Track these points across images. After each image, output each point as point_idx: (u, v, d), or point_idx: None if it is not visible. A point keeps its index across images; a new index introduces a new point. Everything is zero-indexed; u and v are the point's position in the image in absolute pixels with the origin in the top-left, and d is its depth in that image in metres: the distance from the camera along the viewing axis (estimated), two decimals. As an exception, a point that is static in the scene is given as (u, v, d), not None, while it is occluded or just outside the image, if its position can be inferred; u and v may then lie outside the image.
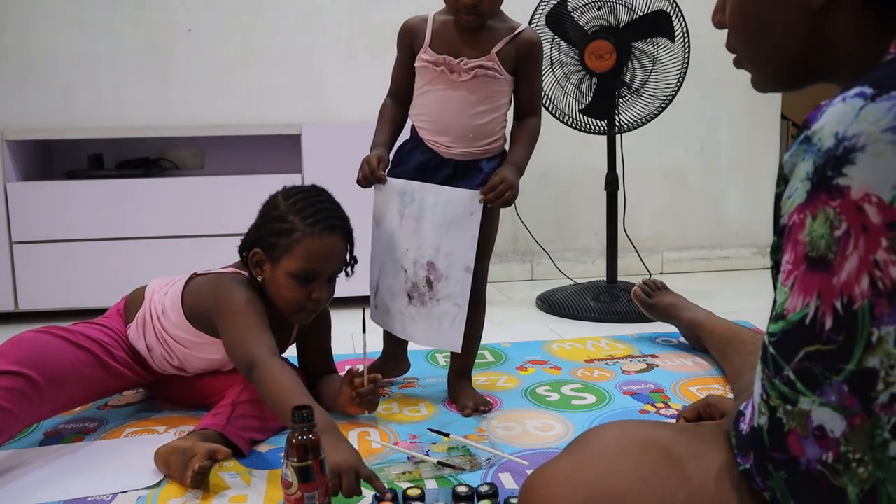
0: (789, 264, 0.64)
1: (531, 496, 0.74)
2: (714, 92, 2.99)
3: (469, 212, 1.39)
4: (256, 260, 1.39)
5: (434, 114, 1.44)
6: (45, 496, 1.16)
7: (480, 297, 1.54)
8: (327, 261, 1.37)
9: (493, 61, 1.40)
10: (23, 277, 2.28)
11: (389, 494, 1.10)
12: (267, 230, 1.37)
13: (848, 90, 0.62)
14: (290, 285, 1.36)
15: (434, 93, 1.44)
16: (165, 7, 2.61)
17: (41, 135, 2.41)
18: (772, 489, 0.65)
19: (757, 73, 0.79)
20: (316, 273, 1.36)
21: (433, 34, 1.42)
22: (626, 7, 2.26)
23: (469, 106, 1.42)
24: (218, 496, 1.16)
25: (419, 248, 1.43)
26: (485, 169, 1.44)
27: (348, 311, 2.41)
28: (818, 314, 0.61)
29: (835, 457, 0.61)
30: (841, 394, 0.60)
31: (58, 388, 1.29)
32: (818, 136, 0.62)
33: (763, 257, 3.12)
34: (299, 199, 1.38)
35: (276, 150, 2.64)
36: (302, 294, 1.36)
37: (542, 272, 2.90)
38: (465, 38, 1.40)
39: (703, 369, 1.75)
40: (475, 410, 1.47)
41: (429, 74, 1.43)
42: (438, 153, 1.45)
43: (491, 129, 1.44)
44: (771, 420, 0.64)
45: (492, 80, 1.41)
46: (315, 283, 1.37)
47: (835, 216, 0.60)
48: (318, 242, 1.34)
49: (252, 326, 1.30)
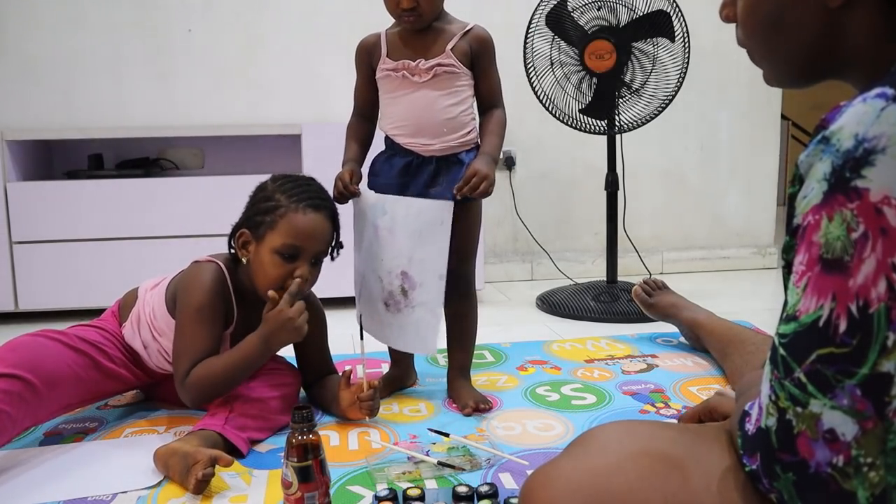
0: (802, 265, 0.63)
1: (531, 496, 0.74)
2: (714, 92, 2.99)
3: (439, 221, 1.43)
4: (242, 241, 1.40)
5: (405, 117, 1.48)
6: (45, 496, 1.16)
7: (471, 295, 1.58)
8: (311, 238, 1.37)
9: (449, 58, 1.45)
10: (23, 277, 2.28)
11: (389, 494, 1.11)
12: (254, 211, 1.40)
13: (868, 91, 0.61)
14: (273, 262, 1.36)
15: (401, 98, 1.48)
16: (165, 7, 2.61)
17: (41, 135, 2.41)
18: (779, 491, 0.65)
19: (769, 69, 0.78)
20: (299, 250, 1.36)
21: (389, 46, 1.49)
22: (626, 7, 2.26)
23: (436, 102, 1.46)
24: (218, 496, 1.16)
25: (393, 259, 1.47)
26: (465, 161, 1.48)
27: (348, 311, 2.41)
28: (832, 316, 0.60)
29: (846, 460, 0.60)
30: (854, 398, 0.59)
31: (55, 390, 1.29)
32: (837, 137, 0.61)
33: (763, 257, 3.12)
34: (287, 181, 1.41)
35: (276, 150, 2.65)
36: (284, 271, 1.36)
37: (542, 272, 2.90)
38: (419, 43, 1.47)
39: (703, 369, 1.75)
40: (475, 409, 1.48)
41: (392, 83, 1.49)
42: (419, 154, 1.49)
43: (462, 122, 1.48)
44: (780, 422, 0.63)
45: (451, 75, 1.46)
46: (299, 262, 1.37)
47: (852, 218, 0.59)
48: (302, 218, 1.36)
49: (195, 339, 1.34)
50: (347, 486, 1.18)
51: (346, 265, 1.50)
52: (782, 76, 0.77)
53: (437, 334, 1.47)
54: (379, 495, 1.11)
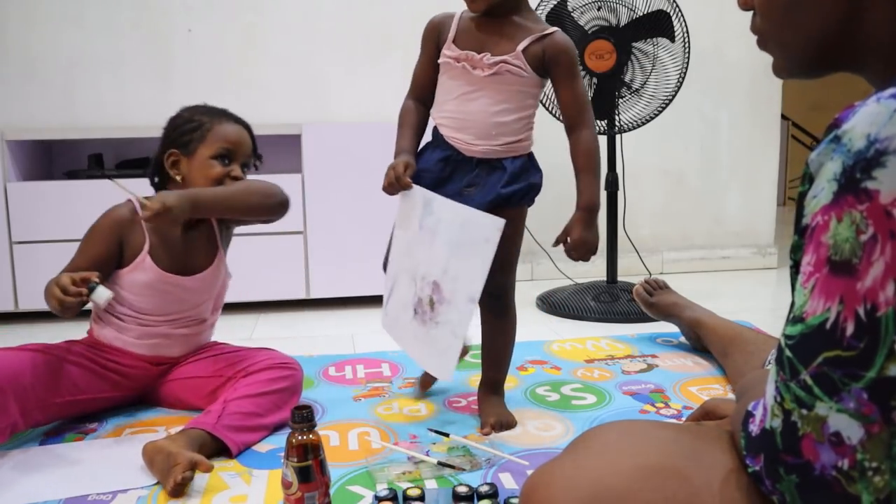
0: (810, 266, 0.62)
1: (532, 496, 0.73)
2: (714, 92, 2.99)
3: (484, 239, 1.23)
4: (172, 161, 1.51)
5: (455, 110, 1.37)
6: (45, 496, 1.16)
7: (509, 310, 1.46)
8: (240, 143, 1.51)
9: (518, 58, 1.32)
10: (23, 277, 2.28)
11: (389, 494, 1.11)
12: (177, 133, 1.51)
13: (883, 91, 0.60)
14: (212, 164, 1.48)
15: (455, 89, 1.36)
16: (166, 7, 2.61)
17: (41, 135, 2.41)
18: (781, 492, 0.64)
19: (782, 57, 0.76)
20: (233, 153, 1.50)
21: (458, 30, 1.36)
22: (626, 7, 2.26)
23: (491, 103, 1.34)
24: (218, 496, 1.16)
25: (429, 265, 1.33)
26: (508, 168, 1.36)
27: (348, 312, 2.41)
28: (839, 319, 0.59)
29: (850, 464, 0.60)
30: (860, 401, 0.59)
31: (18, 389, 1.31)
32: (848, 137, 0.60)
33: (763, 257, 3.12)
34: (199, 107, 1.55)
35: (276, 150, 2.63)
36: (223, 171, 1.48)
37: (542, 272, 2.90)
38: (491, 35, 1.34)
39: (703, 369, 1.75)
40: (494, 428, 1.39)
41: (451, 71, 1.37)
42: (459, 150, 1.37)
43: (515, 129, 1.36)
44: (785, 423, 0.63)
45: (516, 77, 1.33)
46: (233, 165, 1.49)
47: (861, 220, 0.58)
48: (229, 127, 1.51)
49: (77, 255, 1.47)
50: (347, 486, 1.18)
51: (347, 265, 1.50)
52: (794, 65, 0.75)
53: (455, 360, 1.29)
54: (379, 495, 1.11)
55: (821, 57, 0.72)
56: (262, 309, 2.43)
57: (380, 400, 1.58)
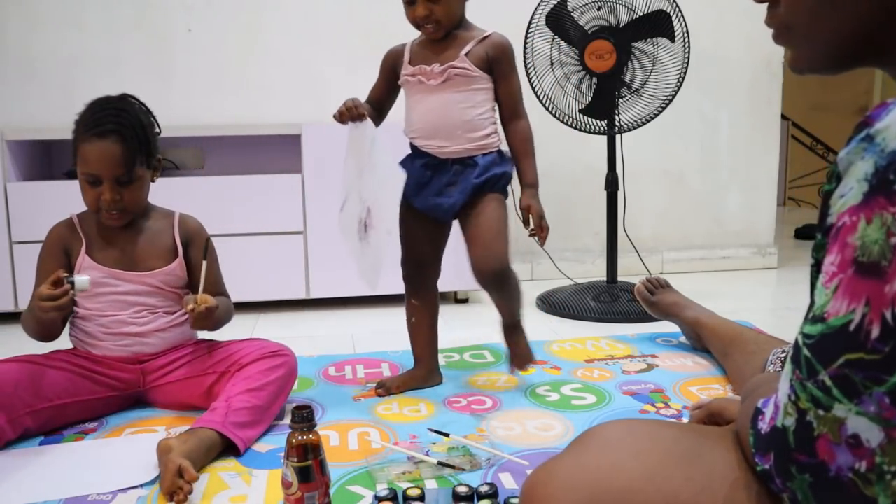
0: (834, 266, 0.61)
1: (533, 494, 0.73)
2: (714, 92, 2.99)
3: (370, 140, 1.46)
4: None
5: (421, 120, 1.54)
6: (46, 496, 1.16)
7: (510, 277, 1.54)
8: (102, 164, 1.40)
9: (463, 62, 1.50)
10: (23, 277, 2.28)
11: (389, 494, 1.11)
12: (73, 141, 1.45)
13: None
14: (84, 188, 1.44)
15: (418, 102, 1.54)
16: (165, 7, 2.61)
17: (41, 135, 2.41)
18: (793, 491, 0.64)
19: (806, 50, 0.71)
20: (96, 176, 1.41)
21: (412, 54, 1.56)
22: (626, 7, 2.26)
23: (449, 104, 1.51)
24: (218, 496, 1.16)
25: (369, 192, 1.49)
26: (480, 163, 1.52)
27: (348, 312, 2.41)
28: (864, 322, 0.58)
29: (868, 467, 0.59)
30: (881, 405, 0.57)
31: None
32: (882, 136, 0.58)
33: (763, 257, 3.12)
34: (86, 109, 1.46)
35: (276, 150, 2.64)
36: (94, 195, 1.43)
37: (542, 272, 2.90)
38: (437, 49, 1.53)
39: (703, 369, 1.75)
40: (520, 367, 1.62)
41: (411, 87, 1.56)
42: (435, 155, 1.53)
43: (478, 124, 1.52)
44: (799, 422, 0.62)
45: (466, 78, 1.50)
46: (102, 187, 1.42)
47: (893, 222, 0.56)
48: (90, 147, 1.41)
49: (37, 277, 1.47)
50: (347, 486, 1.18)
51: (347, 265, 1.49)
52: (817, 57, 0.70)
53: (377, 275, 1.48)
54: (379, 495, 1.11)
55: (846, 51, 0.68)
56: (261, 309, 2.43)
57: (380, 400, 1.58)
